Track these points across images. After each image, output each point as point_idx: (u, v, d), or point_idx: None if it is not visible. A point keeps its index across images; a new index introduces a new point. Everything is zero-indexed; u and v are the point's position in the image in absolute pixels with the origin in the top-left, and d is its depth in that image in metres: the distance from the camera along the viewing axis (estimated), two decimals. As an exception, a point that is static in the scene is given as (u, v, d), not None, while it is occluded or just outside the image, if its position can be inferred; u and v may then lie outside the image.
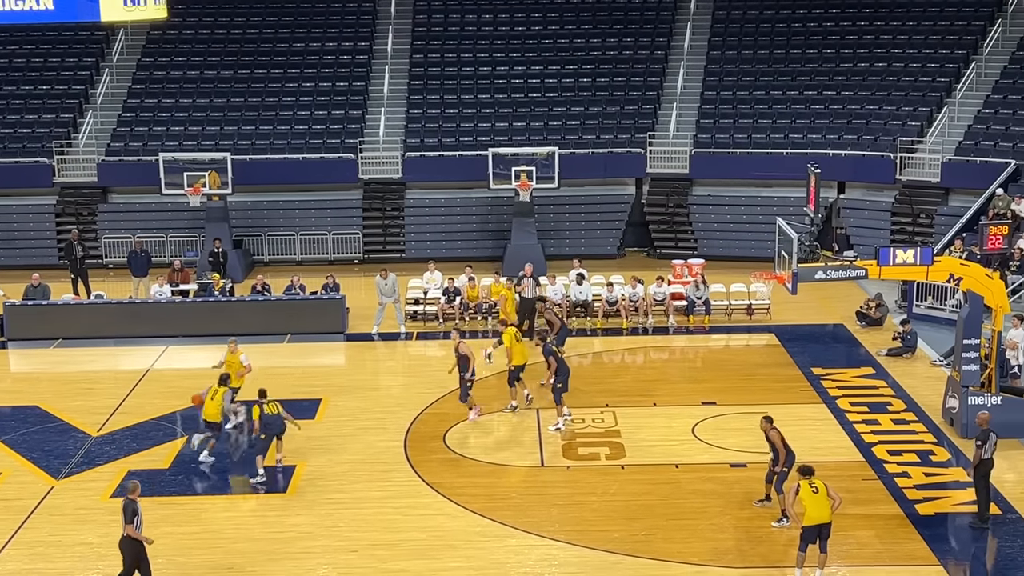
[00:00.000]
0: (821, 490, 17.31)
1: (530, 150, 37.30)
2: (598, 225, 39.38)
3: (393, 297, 30.56)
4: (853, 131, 38.42)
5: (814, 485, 17.33)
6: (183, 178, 36.45)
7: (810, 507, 17.25)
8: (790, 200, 36.45)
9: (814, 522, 17.27)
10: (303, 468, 22.07)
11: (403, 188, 39.71)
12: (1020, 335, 25.52)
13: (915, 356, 28.13)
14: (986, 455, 19.35)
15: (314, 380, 27.41)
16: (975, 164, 35.87)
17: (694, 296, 31.36)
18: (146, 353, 29.32)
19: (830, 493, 17.36)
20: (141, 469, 22.16)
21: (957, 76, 38.95)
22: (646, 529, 19.44)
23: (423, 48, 43.04)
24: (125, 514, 17.03)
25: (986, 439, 19.36)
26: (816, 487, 17.32)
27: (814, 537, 17.36)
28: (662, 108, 40.66)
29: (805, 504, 17.27)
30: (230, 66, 42.49)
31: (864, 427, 23.69)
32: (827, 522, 17.32)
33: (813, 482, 17.36)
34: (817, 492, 17.27)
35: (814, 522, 17.27)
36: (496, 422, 24.48)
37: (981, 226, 28.96)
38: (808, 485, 17.33)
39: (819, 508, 17.24)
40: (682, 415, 24.35)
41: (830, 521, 17.35)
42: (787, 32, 42.21)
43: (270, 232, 38.86)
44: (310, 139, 39.97)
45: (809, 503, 17.25)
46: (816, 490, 17.28)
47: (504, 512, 20.11)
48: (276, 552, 18.85)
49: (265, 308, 31.10)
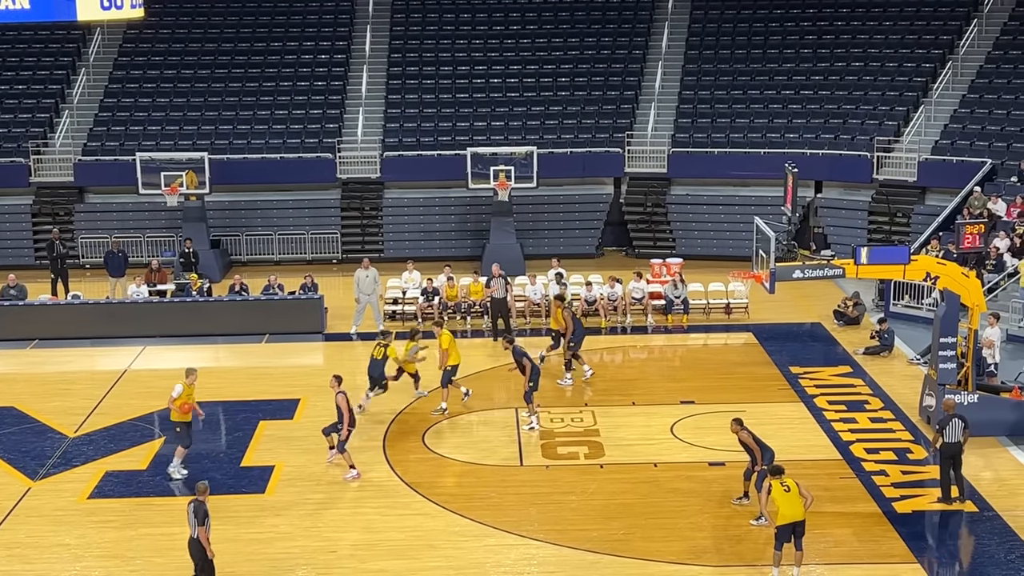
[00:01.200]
0: (793, 488, 17.40)
1: (509, 150, 37.32)
2: (576, 225, 39.43)
3: (373, 293, 30.48)
4: (830, 130, 38.56)
5: (785, 484, 17.42)
6: (160, 178, 36.31)
7: (782, 506, 17.34)
8: (768, 199, 36.58)
9: (787, 520, 17.37)
10: (281, 468, 22.01)
11: (381, 188, 39.66)
12: (996, 333, 25.69)
13: (892, 355, 28.26)
14: (948, 438, 19.92)
15: (293, 380, 27.34)
16: (951, 163, 36.04)
17: (672, 295, 31.44)
18: (123, 354, 29.20)
19: (802, 491, 17.45)
20: (119, 470, 22.11)
21: (933, 76, 39.14)
22: (625, 528, 19.47)
23: (401, 47, 42.99)
24: (196, 516, 16.89)
25: (946, 424, 19.93)
26: (788, 486, 17.41)
27: (788, 535, 17.45)
28: (640, 108, 40.72)
29: (778, 503, 17.36)
30: (207, 65, 42.35)
31: (842, 425, 23.79)
32: (800, 520, 17.41)
33: (784, 481, 17.45)
34: (789, 491, 17.36)
35: (787, 520, 17.37)
36: (475, 422, 24.47)
37: (957, 225, 29.12)
38: (780, 484, 17.42)
39: (791, 506, 17.33)
40: (661, 414, 24.40)
41: (803, 519, 17.44)
42: (764, 32, 42.34)
43: (248, 232, 38.75)
44: (288, 138, 39.88)
45: (781, 502, 17.34)
46: (788, 489, 17.38)
47: (483, 511, 20.11)
48: (255, 553, 18.80)
49: (243, 308, 31.01)
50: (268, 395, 26.10)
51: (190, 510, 17.02)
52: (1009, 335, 28.39)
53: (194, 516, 16.91)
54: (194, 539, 17.00)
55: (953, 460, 20.12)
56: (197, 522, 16.88)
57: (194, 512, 16.93)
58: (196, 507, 16.96)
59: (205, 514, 16.94)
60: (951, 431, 20.01)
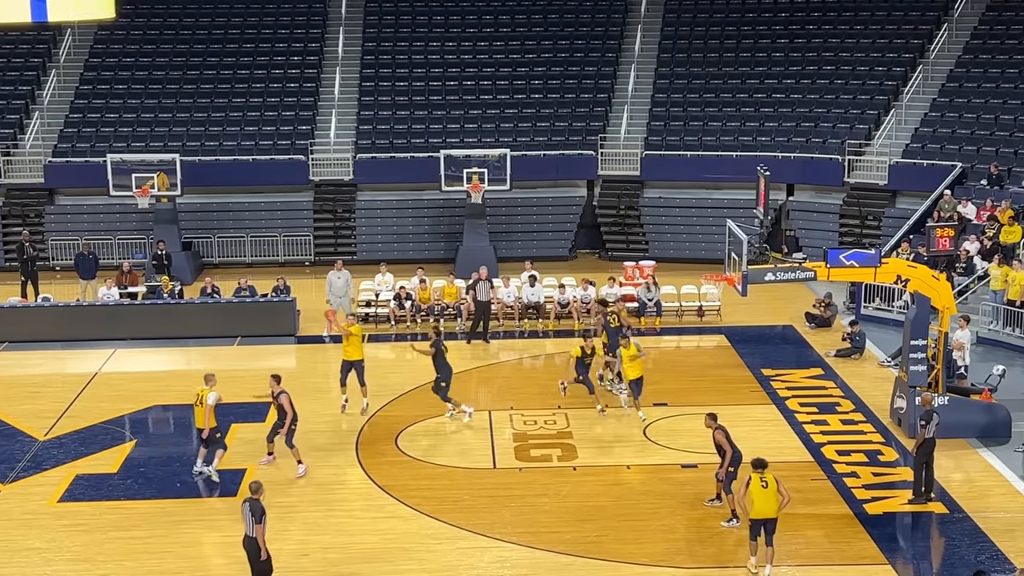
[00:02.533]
0: (771, 485, 17.51)
1: (482, 152, 37.31)
2: (550, 227, 39.46)
3: (346, 295, 30.40)
4: (802, 134, 38.73)
5: (764, 480, 17.53)
6: (131, 179, 36.13)
7: (757, 500, 17.51)
8: (740, 202, 36.74)
9: (759, 516, 17.55)
10: (253, 471, 21.91)
11: (354, 190, 39.58)
12: (966, 336, 25.85)
13: (863, 357, 28.39)
14: (929, 434, 20.01)
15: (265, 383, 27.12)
16: (922, 167, 36.26)
17: (645, 298, 31.50)
18: (94, 356, 29.02)
19: (780, 489, 17.55)
20: (89, 473, 21.97)
21: (904, 80, 39.39)
22: (598, 530, 19.49)
23: (374, 49, 42.93)
24: (255, 515, 16.77)
25: (929, 419, 20.05)
26: (766, 481, 17.52)
27: (758, 530, 17.62)
28: (613, 110, 40.80)
29: (753, 497, 17.52)
30: (179, 67, 42.17)
31: (813, 427, 23.88)
32: (771, 517, 17.53)
33: (764, 476, 17.56)
34: (766, 487, 17.48)
35: (759, 516, 17.55)
36: (448, 425, 24.45)
37: (928, 228, 29.32)
38: (759, 479, 17.53)
39: (764, 502, 17.47)
40: (633, 416, 24.42)
41: (775, 518, 17.55)
42: (737, 35, 42.50)
43: (220, 234, 38.60)
44: (260, 140, 39.75)
45: (756, 496, 17.50)
46: (765, 485, 17.50)
47: (456, 514, 20.09)
48: (226, 556, 18.70)
49: (215, 310, 30.89)
50: (240, 398, 25.93)
51: (246, 509, 16.88)
52: (979, 337, 28.59)
53: (251, 515, 16.79)
54: (251, 538, 16.87)
55: (929, 456, 20.22)
56: (255, 520, 16.77)
57: (251, 511, 16.81)
58: (252, 505, 16.84)
59: (262, 512, 16.85)
60: (932, 426, 20.12)
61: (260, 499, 16.96)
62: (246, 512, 16.88)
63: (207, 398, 21.39)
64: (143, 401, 25.87)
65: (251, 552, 16.96)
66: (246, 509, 16.89)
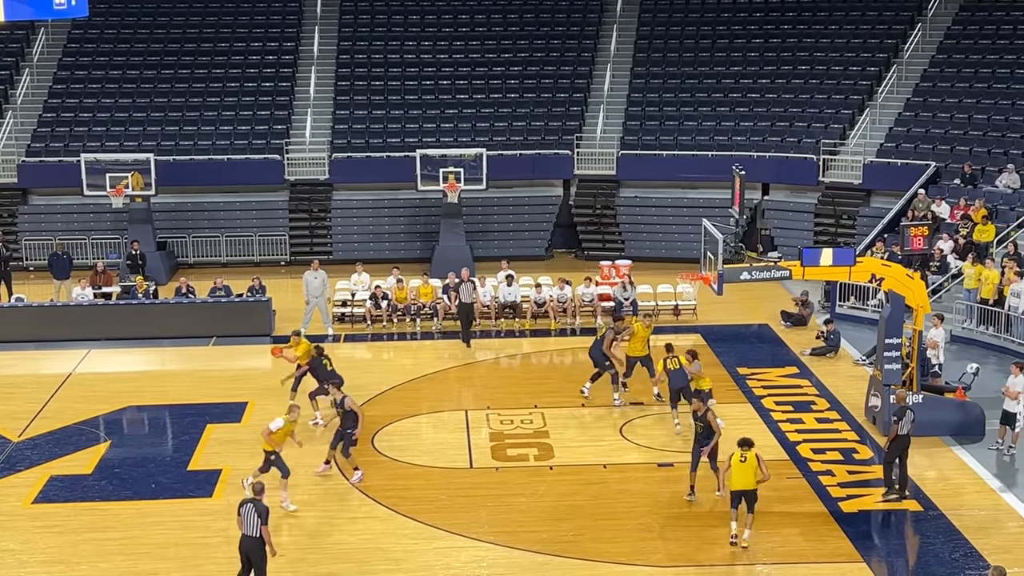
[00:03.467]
0: (750, 461, 18.47)
1: (458, 151, 37.29)
2: (526, 226, 39.47)
3: (322, 295, 30.35)
4: (777, 133, 38.87)
5: (744, 456, 18.47)
6: (105, 179, 35.96)
7: (735, 474, 18.60)
8: (715, 201, 36.83)
9: (735, 487, 18.59)
10: (228, 472, 21.84)
11: (330, 189, 39.50)
12: (940, 334, 25.97)
13: (838, 355, 28.51)
14: (903, 431, 20.30)
15: (240, 383, 27.16)
16: (896, 166, 36.44)
17: (621, 297, 31.52)
18: (68, 357, 28.86)
19: (760, 466, 18.48)
20: (63, 474, 21.85)
21: (878, 79, 39.57)
22: (574, 529, 19.50)
23: (350, 48, 42.85)
24: (261, 516, 16.70)
25: (902, 415, 20.38)
26: (745, 457, 18.47)
27: (739, 500, 18.59)
28: (589, 110, 40.85)
29: (732, 471, 18.61)
30: (153, 65, 41.98)
31: (789, 426, 23.96)
32: (749, 489, 18.54)
33: (745, 453, 18.48)
34: (744, 462, 18.47)
35: (735, 487, 18.59)
36: (424, 425, 24.43)
37: (902, 227, 29.40)
38: (740, 455, 18.49)
39: (741, 475, 18.50)
40: (610, 415, 24.45)
41: (752, 489, 18.54)
42: (712, 35, 42.60)
43: (195, 234, 38.45)
44: (235, 140, 39.62)
45: (735, 470, 18.59)
46: (744, 460, 18.47)
47: (433, 514, 20.07)
48: (201, 557, 18.65)
49: (190, 310, 30.77)
50: (215, 398, 25.90)
51: (250, 510, 16.78)
52: (953, 336, 28.75)
53: (257, 516, 16.72)
54: (253, 538, 16.79)
55: (902, 453, 20.44)
56: (261, 521, 16.71)
57: (257, 512, 16.74)
58: (258, 507, 16.78)
59: (267, 512, 16.81)
60: (906, 423, 20.34)
61: (263, 499, 16.91)
62: (250, 513, 16.79)
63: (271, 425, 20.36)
64: (118, 402, 25.75)
65: (254, 553, 16.89)
66: (249, 510, 16.81)
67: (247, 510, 16.84)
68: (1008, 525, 19.69)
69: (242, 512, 16.90)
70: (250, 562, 16.96)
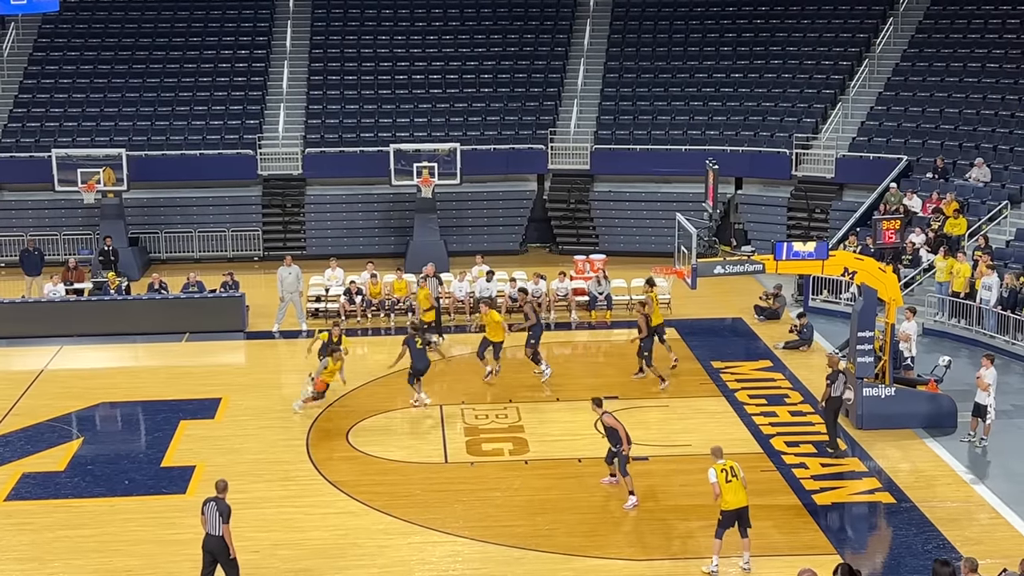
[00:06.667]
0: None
1: (432, 146, 37.23)
2: (500, 221, 39.46)
3: (297, 290, 30.26)
4: (750, 128, 38.98)
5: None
6: (77, 175, 35.71)
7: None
8: (689, 196, 36.89)
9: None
10: (203, 468, 21.77)
11: (303, 184, 39.38)
12: (912, 327, 26.12)
13: (811, 349, 28.62)
14: (835, 393, 21.94)
15: (214, 379, 27.07)
16: (868, 160, 36.61)
17: (596, 291, 31.57)
18: (40, 353, 28.69)
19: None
20: (36, 472, 21.72)
21: (850, 74, 39.74)
22: (549, 523, 19.53)
23: (323, 42, 42.71)
24: (222, 515, 16.60)
25: (835, 379, 21.93)
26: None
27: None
28: (563, 104, 40.86)
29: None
30: (125, 60, 41.74)
31: (762, 419, 24.06)
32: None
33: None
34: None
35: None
36: (399, 420, 24.41)
37: (874, 221, 29.56)
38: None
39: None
40: (585, 409, 24.35)
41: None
42: (685, 30, 42.68)
43: (167, 229, 38.28)
44: (207, 135, 39.43)
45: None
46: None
47: (408, 509, 20.06)
48: (176, 554, 18.58)
49: (162, 306, 30.63)
50: (189, 395, 25.80)
51: (212, 508, 16.69)
52: (925, 329, 28.91)
53: (218, 514, 16.62)
54: (216, 537, 16.70)
55: (836, 413, 22.09)
56: (222, 520, 16.62)
57: (218, 510, 16.64)
58: (219, 505, 16.69)
59: (229, 511, 16.70)
60: (839, 386, 21.76)
61: (225, 498, 16.83)
62: (212, 511, 16.72)
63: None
64: (90, 398, 25.61)
65: (219, 552, 16.83)
66: (212, 508, 16.73)
67: (210, 508, 16.76)
68: (980, 516, 19.84)
69: (205, 511, 16.82)
70: (215, 561, 16.88)
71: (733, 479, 17.59)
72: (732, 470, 17.65)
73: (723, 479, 17.57)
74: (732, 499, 17.60)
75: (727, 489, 17.57)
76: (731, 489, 17.59)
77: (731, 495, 17.59)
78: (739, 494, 17.62)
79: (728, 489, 17.58)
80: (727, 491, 17.58)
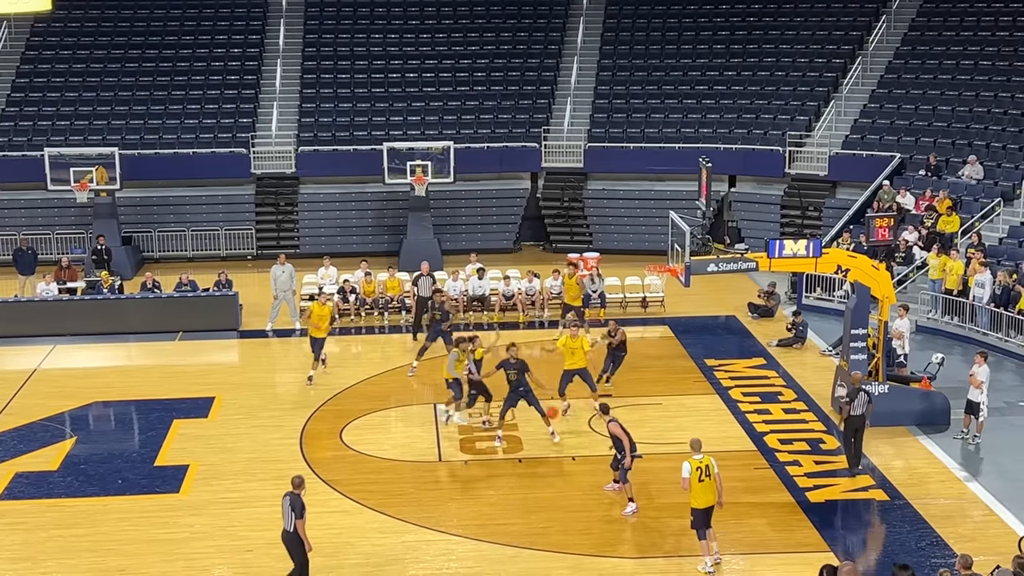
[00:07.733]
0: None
1: (425, 144, 37.23)
2: (494, 219, 39.47)
3: (290, 289, 30.25)
4: (743, 125, 39.01)
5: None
6: (70, 173, 35.67)
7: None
8: (682, 194, 36.92)
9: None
10: (196, 467, 21.75)
11: (297, 183, 39.36)
12: (906, 325, 26.15)
13: (805, 346, 28.65)
14: (855, 412, 21.03)
15: (207, 378, 27.05)
16: (861, 158, 36.64)
17: (589, 289, 31.56)
18: (33, 353, 28.64)
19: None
20: (29, 471, 21.69)
21: (843, 71, 39.78)
22: (543, 521, 19.53)
23: (316, 41, 42.69)
24: (294, 509, 16.58)
25: (854, 397, 21.09)
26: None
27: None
28: (556, 103, 40.86)
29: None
30: (117, 59, 41.69)
31: (756, 417, 24.07)
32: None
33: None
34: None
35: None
36: (393, 419, 24.39)
37: (868, 218, 29.55)
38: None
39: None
40: (578, 407, 24.48)
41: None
42: (678, 28, 42.69)
43: (160, 228, 38.24)
44: (200, 133, 39.39)
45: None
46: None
47: (402, 508, 20.05)
48: (170, 553, 18.56)
49: (155, 305, 30.60)
50: (182, 393, 25.78)
51: (286, 503, 16.70)
52: (918, 326, 28.96)
53: (291, 509, 16.62)
54: (291, 532, 16.70)
55: (856, 432, 21.13)
56: (295, 515, 16.60)
57: (291, 505, 16.63)
58: (292, 500, 16.67)
59: (303, 507, 16.67)
60: (858, 404, 20.96)
61: (301, 494, 16.80)
62: (286, 506, 16.74)
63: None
64: (83, 398, 25.57)
65: (291, 546, 16.83)
66: (286, 503, 16.75)
67: (284, 503, 16.78)
68: (973, 513, 19.86)
69: (282, 504, 16.84)
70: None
71: (706, 479, 17.44)
72: (706, 469, 17.49)
73: (696, 478, 17.39)
74: (703, 499, 17.50)
75: (699, 488, 17.44)
76: (703, 488, 17.45)
77: (702, 494, 17.48)
78: (709, 494, 17.48)
79: (700, 488, 17.45)
80: (699, 489, 17.44)
